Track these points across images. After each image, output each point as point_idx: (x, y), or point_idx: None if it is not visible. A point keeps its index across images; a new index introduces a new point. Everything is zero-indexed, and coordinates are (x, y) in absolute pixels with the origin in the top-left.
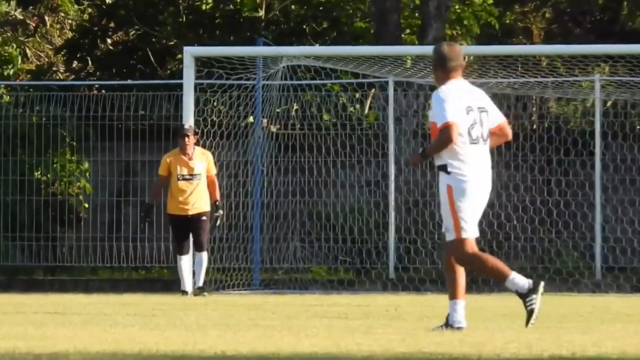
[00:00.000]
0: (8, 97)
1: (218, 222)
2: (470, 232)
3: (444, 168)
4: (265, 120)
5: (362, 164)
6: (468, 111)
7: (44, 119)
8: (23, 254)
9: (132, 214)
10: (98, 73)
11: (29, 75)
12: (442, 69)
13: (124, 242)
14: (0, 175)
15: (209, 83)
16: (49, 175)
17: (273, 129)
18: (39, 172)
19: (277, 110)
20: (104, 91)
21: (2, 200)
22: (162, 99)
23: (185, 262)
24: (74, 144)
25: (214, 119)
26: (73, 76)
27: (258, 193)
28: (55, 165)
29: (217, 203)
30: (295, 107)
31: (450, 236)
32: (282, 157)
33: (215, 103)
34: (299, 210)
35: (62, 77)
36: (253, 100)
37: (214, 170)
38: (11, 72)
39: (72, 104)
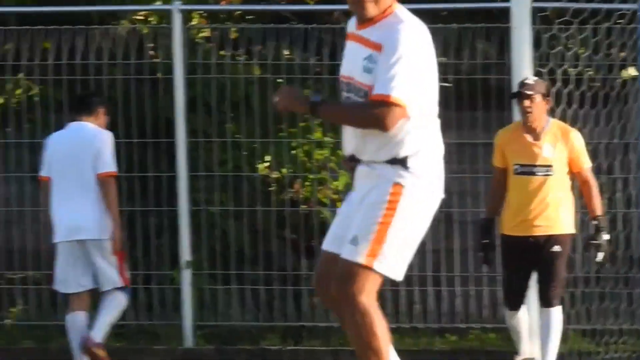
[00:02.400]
0: (207, 31)
1: (600, 256)
2: (390, 269)
3: (402, 163)
4: None
5: None
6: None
7: (270, 71)
8: (243, 307)
9: (437, 235)
10: None
11: None
12: None
13: (419, 285)
14: (198, 170)
15: (556, 8)
16: (283, 170)
17: None
18: (266, 164)
19: None
20: None
21: (204, 212)
22: (476, 35)
23: (520, 320)
24: None
25: (568, 70)
26: None
27: None
28: (294, 152)
29: (597, 221)
30: None
31: (355, 254)
32: None
33: (568, 42)
34: None
35: None
36: (635, 37)
37: (587, 162)
38: None
39: (320, 45)
